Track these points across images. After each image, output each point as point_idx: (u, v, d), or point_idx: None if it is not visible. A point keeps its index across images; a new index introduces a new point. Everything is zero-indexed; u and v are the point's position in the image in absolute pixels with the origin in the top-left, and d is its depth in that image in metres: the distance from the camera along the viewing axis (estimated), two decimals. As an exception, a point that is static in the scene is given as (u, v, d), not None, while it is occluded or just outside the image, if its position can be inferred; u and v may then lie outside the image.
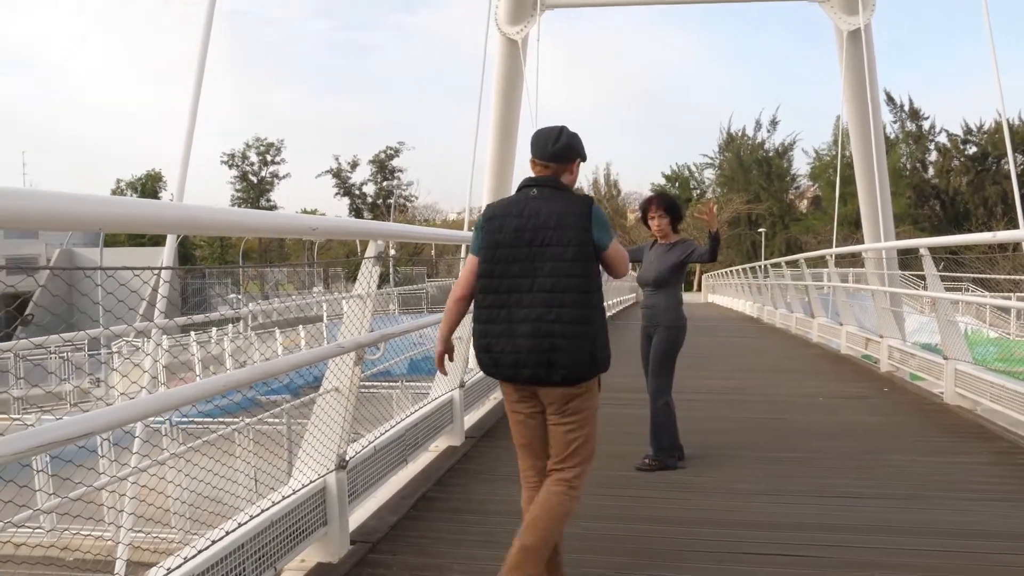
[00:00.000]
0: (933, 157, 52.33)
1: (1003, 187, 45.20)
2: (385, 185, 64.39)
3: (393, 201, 62.55)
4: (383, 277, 4.41)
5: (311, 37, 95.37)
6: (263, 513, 2.80)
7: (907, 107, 51.69)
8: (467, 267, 2.90)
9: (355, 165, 63.74)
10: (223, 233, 5.08)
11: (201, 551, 2.45)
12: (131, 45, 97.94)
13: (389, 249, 5.34)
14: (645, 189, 56.17)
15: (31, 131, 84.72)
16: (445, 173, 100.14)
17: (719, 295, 32.01)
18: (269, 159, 62.70)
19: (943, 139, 51.62)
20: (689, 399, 6.08)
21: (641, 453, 4.73)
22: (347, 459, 3.35)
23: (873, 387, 7.78)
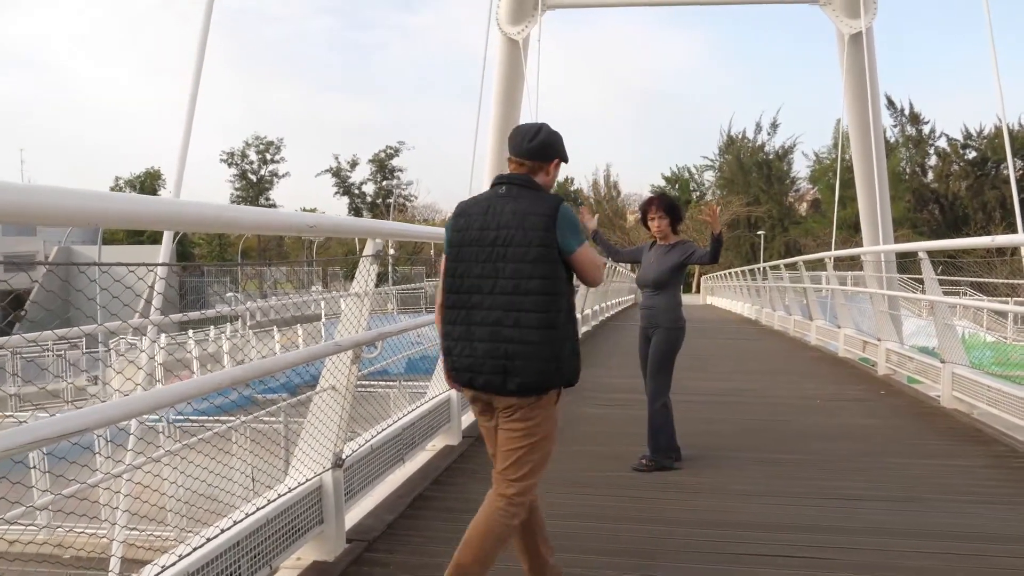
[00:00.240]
0: (933, 161, 52.50)
1: (1002, 192, 45.30)
2: (385, 184, 64.47)
3: (393, 200, 62.59)
4: (381, 276, 4.40)
5: (312, 36, 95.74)
6: (259, 511, 2.79)
7: (907, 111, 51.91)
8: (442, 269, 2.75)
9: (355, 164, 63.92)
10: (220, 230, 5.07)
11: (197, 548, 2.44)
12: (131, 43, 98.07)
13: (388, 248, 5.32)
14: (645, 190, 56.36)
15: (30, 129, 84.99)
16: (445, 173, 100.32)
17: (718, 297, 32.03)
18: (269, 158, 62.82)
19: (943, 144, 51.91)
20: (687, 400, 6.08)
21: (638, 454, 4.73)
22: (344, 458, 3.34)
23: (870, 390, 7.78)
